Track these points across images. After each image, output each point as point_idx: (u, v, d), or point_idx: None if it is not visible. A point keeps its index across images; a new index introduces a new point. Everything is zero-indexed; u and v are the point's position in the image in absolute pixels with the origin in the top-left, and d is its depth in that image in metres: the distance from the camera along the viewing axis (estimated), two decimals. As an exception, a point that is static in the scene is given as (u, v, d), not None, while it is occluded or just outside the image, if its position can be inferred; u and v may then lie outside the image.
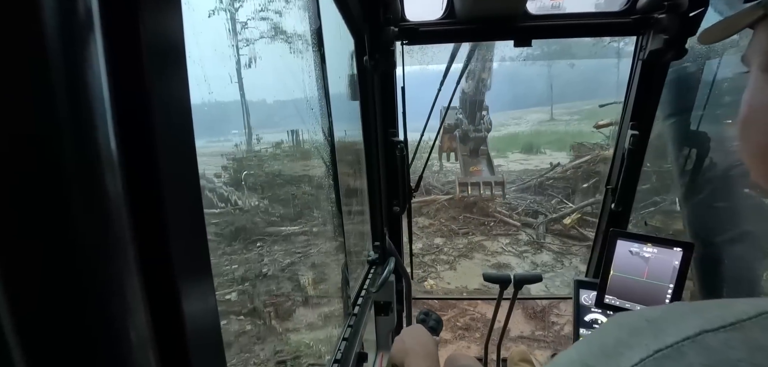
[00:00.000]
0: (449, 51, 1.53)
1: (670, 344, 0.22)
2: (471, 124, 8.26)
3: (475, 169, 7.89)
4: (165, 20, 0.25)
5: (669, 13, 1.16)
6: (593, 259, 1.72)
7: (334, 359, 1.04)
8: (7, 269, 0.18)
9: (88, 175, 0.20)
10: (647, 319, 0.25)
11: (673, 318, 0.24)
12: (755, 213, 1.34)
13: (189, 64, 0.28)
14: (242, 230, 3.32)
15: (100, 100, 0.20)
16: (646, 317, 0.26)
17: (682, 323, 0.23)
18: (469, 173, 7.77)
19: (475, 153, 8.23)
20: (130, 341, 0.23)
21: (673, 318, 0.24)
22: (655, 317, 0.25)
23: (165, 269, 0.25)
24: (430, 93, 1.55)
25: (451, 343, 4.33)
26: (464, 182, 7.34)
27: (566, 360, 0.28)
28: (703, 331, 0.22)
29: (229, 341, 2.65)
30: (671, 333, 0.23)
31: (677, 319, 0.24)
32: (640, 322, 0.25)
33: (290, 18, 1.43)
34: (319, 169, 1.41)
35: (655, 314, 0.26)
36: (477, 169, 7.91)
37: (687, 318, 0.23)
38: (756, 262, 1.32)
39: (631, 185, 1.47)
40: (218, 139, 3.17)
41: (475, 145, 8.24)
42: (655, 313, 0.26)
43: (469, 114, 8.34)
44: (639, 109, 1.38)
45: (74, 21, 0.19)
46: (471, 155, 8.23)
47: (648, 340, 0.23)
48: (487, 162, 8.15)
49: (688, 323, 0.23)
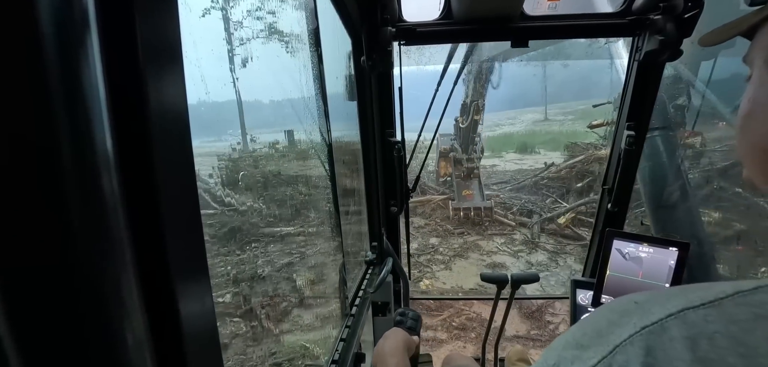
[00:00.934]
0: (446, 52, 1.53)
1: (655, 321, 0.25)
2: (464, 154, 9.21)
3: (467, 193, 8.75)
4: (161, 20, 0.24)
5: (665, 14, 1.17)
6: (590, 259, 1.73)
7: (332, 359, 1.03)
8: (3, 270, 0.18)
9: (84, 175, 0.20)
10: (636, 301, 0.28)
11: (659, 300, 0.27)
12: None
13: (186, 64, 0.27)
14: (238, 231, 3.31)
15: (97, 100, 0.20)
16: (635, 300, 0.28)
17: (667, 302, 0.26)
18: (462, 197, 8.64)
19: (468, 176, 9.11)
20: (126, 343, 0.23)
21: (659, 300, 0.27)
22: (642, 300, 0.28)
23: (162, 270, 0.25)
24: (428, 93, 1.55)
25: (447, 343, 4.33)
26: (457, 208, 8.28)
27: (562, 342, 0.30)
28: (686, 308, 0.24)
29: (225, 343, 2.64)
30: (656, 312, 0.25)
31: (663, 300, 0.26)
32: (629, 305, 0.28)
33: (287, 18, 1.42)
34: (317, 170, 1.41)
35: (643, 298, 0.28)
36: (470, 193, 8.76)
37: (671, 299, 0.26)
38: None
39: (628, 185, 1.48)
40: (214, 139, 3.15)
41: (467, 171, 9.16)
42: (644, 296, 0.29)
43: (463, 143, 9.27)
44: (635, 110, 1.39)
45: (70, 20, 0.19)
46: (464, 179, 9.10)
47: (636, 319, 0.26)
48: (478, 186, 8.98)
49: (672, 303, 0.25)
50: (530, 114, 24.99)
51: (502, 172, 10.35)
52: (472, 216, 8.06)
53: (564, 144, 11.40)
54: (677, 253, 1.21)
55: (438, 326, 4.58)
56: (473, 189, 8.85)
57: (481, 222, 8.03)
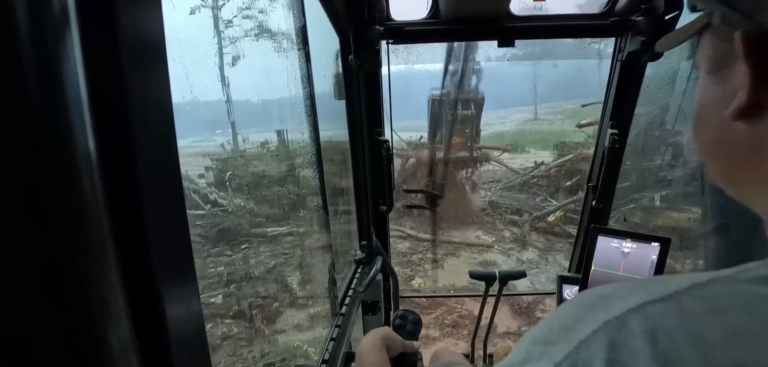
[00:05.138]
0: (435, 51, 1.54)
1: (616, 316, 0.25)
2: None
3: (457, 140, 8.47)
4: (144, 17, 0.24)
5: (646, 15, 1.19)
6: (575, 255, 1.76)
7: (322, 359, 1.04)
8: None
9: (64, 175, 0.19)
10: (600, 295, 0.29)
11: (621, 293, 0.27)
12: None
13: (170, 62, 0.27)
14: (225, 232, 3.27)
15: (77, 99, 0.20)
16: (599, 294, 0.29)
17: (629, 296, 0.26)
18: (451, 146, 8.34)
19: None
20: (111, 348, 0.22)
21: (621, 293, 0.27)
22: (606, 293, 0.29)
23: (147, 273, 0.25)
24: (416, 91, 1.55)
25: (438, 340, 4.36)
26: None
27: (531, 338, 0.31)
28: (646, 303, 0.25)
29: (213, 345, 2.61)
30: (618, 306, 0.26)
31: (624, 294, 0.27)
32: (594, 299, 0.29)
33: (273, 16, 1.42)
34: (305, 169, 1.40)
35: (607, 291, 0.29)
36: (459, 140, 8.48)
37: (632, 293, 0.27)
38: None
39: (611, 182, 1.51)
40: (200, 139, 3.11)
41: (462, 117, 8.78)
42: (607, 289, 0.29)
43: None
44: (618, 109, 1.42)
45: (49, 17, 0.18)
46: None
47: (599, 313, 0.26)
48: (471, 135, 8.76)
49: (633, 297, 0.26)
50: (520, 114, 25.20)
51: (491, 172, 10.41)
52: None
53: (553, 143, 11.53)
54: (659, 248, 1.24)
55: (430, 323, 4.61)
56: (464, 137, 8.41)
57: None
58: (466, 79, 8.08)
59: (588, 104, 8.09)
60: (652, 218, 3.98)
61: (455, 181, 8.49)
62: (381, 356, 0.69)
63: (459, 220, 7.92)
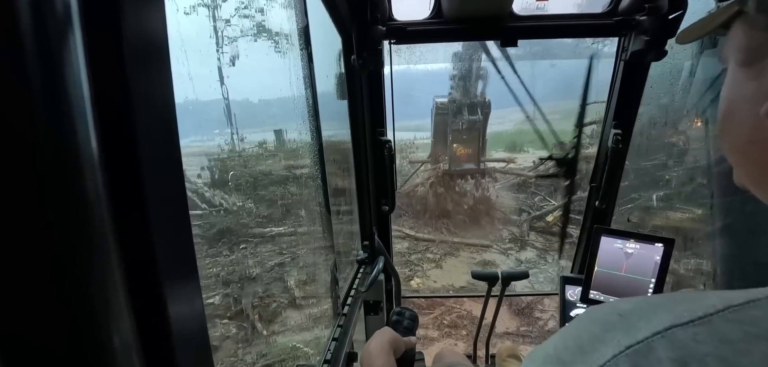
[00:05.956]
0: (437, 50, 1.54)
1: (640, 340, 0.23)
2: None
3: (462, 152, 8.78)
4: (148, 18, 0.24)
5: (650, 14, 1.19)
6: (578, 255, 1.76)
7: (324, 359, 1.03)
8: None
9: (68, 175, 0.19)
10: (619, 313, 0.26)
11: (644, 313, 0.25)
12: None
13: (173, 62, 0.27)
14: (227, 232, 3.26)
15: (81, 99, 0.20)
16: (619, 311, 0.26)
17: (653, 317, 0.24)
18: (456, 158, 8.57)
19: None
20: (113, 346, 0.22)
21: (644, 313, 0.25)
22: (626, 310, 0.26)
23: (150, 272, 0.25)
24: (418, 92, 1.55)
25: (438, 341, 4.35)
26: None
27: (542, 355, 0.29)
28: (673, 325, 0.22)
29: (214, 345, 2.60)
30: (642, 328, 0.23)
31: (648, 313, 0.24)
32: (613, 316, 0.26)
33: (277, 16, 1.41)
34: (307, 169, 1.40)
35: (627, 308, 0.26)
36: (464, 152, 8.79)
37: (657, 312, 0.24)
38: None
39: (615, 182, 1.50)
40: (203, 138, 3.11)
41: (468, 123, 8.92)
42: (627, 306, 0.26)
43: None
44: (621, 109, 1.42)
45: (53, 18, 0.18)
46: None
47: (620, 335, 0.24)
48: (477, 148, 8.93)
49: (659, 318, 0.23)
50: (519, 113, 25.23)
51: (489, 170, 10.41)
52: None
53: (552, 143, 11.51)
54: (663, 248, 1.24)
55: (429, 324, 4.60)
56: (470, 148, 8.29)
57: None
58: (472, 84, 8.11)
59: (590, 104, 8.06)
60: (652, 219, 3.96)
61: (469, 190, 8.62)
62: (389, 359, 0.69)
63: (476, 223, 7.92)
